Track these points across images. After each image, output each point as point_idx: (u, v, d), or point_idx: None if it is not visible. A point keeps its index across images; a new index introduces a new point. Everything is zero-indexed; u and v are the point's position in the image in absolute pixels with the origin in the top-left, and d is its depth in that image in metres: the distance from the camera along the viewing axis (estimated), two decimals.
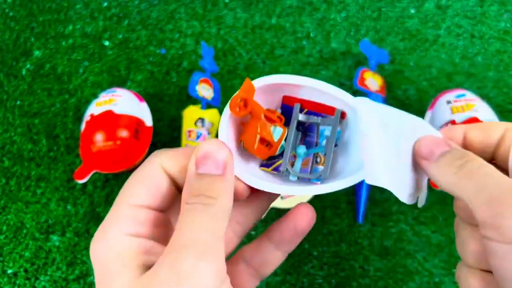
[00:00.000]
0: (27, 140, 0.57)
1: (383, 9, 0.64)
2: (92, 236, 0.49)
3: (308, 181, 0.26)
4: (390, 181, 0.23)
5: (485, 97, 0.55)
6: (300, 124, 0.28)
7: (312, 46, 0.61)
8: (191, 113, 0.53)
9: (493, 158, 0.23)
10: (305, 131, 0.28)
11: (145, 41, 0.63)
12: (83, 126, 0.51)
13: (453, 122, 0.46)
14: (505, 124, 0.23)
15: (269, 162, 0.27)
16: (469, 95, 0.48)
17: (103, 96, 0.52)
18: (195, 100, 0.58)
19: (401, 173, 0.24)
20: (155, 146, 0.55)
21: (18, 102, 0.60)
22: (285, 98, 0.27)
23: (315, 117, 0.28)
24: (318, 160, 0.27)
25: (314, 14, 0.64)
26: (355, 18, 0.63)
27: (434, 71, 0.58)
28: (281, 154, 0.27)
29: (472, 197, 0.19)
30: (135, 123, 0.50)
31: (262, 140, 0.25)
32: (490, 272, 0.21)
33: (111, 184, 0.53)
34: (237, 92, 0.24)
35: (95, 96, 0.59)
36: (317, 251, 0.48)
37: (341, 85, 0.58)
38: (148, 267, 0.19)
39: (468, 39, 0.60)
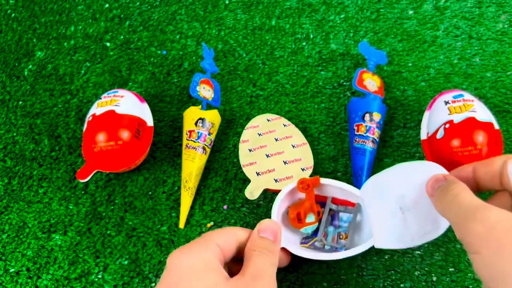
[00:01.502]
0: (29, 140, 0.57)
1: (381, 11, 0.64)
2: (93, 235, 0.50)
3: (335, 249, 0.43)
4: (392, 241, 0.39)
5: (482, 97, 0.55)
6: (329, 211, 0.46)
7: (312, 47, 0.62)
8: (191, 114, 0.53)
9: (502, 186, 0.30)
10: (331, 218, 0.46)
11: (146, 42, 0.64)
12: (85, 126, 0.52)
13: (450, 122, 0.46)
14: (505, 157, 0.29)
15: (307, 241, 0.44)
16: (467, 96, 0.49)
17: (105, 97, 0.53)
18: (195, 100, 0.58)
19: (400, 226, 0.38)
20: (156, 146, 0.55)
21: (20, 103, 0.60)
22: (317, 196, 0.47)
23: (341, 207, 0.45)
24: (341, 237, 0.44)
25: (314, 15, 0.65)
26: (354, 19, 0.64)
27: (432, 71, 0.58)
28: (314, 234, 0.45)
29: (450, 220, 0.27)
30: (136, 123, 0.51)
31: (298, 214, 0.43)
32: None
33: (112, 184, 0.53)
34: (308, 178, 0.44)
35: (96, 96, 0.59)
36: None
37: (340, 86, 0.59)
38: (227, 277, 0.32)
39: (466, 40, 0.61)
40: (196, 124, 0.52)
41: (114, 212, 0.51)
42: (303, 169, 0.48)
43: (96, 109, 0.51)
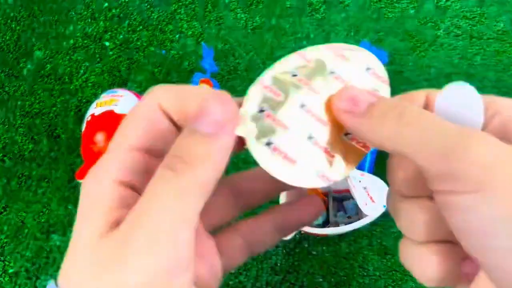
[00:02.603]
0: (28, 140, 0.57)
1: (382, 10, 0.64)
2: None
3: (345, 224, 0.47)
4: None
5: None
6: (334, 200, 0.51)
7: None
8: None
9: None
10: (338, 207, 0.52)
11: (146, 41, 0.63)
12: (84, 126, 0.51)
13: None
14: (426, 91, 0.20)
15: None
16: None
17: (104, 97, 0.52)
18: None
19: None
20: None
21: (19, 102, 0.60)
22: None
23: (343, 194, 0.51)
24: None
25: (314, 15, 0.64)
26: (354, 18, 0.63)
27: (433, 71, 0.58)
28: (326, 224, 0.50)
29: (420, 148, 0.16)
30: None
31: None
32: (447, 242, 0.18)
33: None
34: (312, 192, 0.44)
35: (96, 96, 0.59)
36: (316, 250, 0.48)
37: None
38: (115, 223, 0.16)
39: (467, 39, 0.60)
40: None
41: None
42: None
43: (95, 109, 0.51)
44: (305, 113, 0.18)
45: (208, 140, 0.16)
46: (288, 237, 0.49)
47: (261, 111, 0.18)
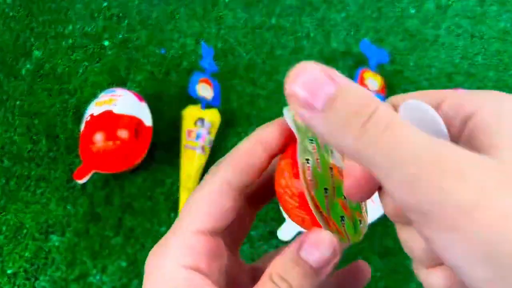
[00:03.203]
0: (27, 140, 0.57)
1: (383, 9, 0.64)
2: (91, 236, 0.50)
3: None
4: None
5: None
6: None
7: (312, 46, 0.61)
8: (190, 113, 0.53)
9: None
10: None
11: (145, 41, 0.63)
12: (82, 126, 0.51)
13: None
14: (444, 93, 0.17)
15: None
16: None
17: (103, 96, 0.52)
18: (195, 100, 0.58)
19: None
20: (155, 146, 0.55)
21: (18, 102, 0.60)
22: None
23: None
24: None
25: (314, 14, 0.64)
26: (355, 18, 0.63)
27: (434, 71, 0.58)
28: None
29: (386, 172, 0.13)
30: (135, 123, 0.50)
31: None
32: None
33: (111, 185, 0.53)
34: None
35: (95, 96, 0.59)
36: None
37: None
38: None
39: (468, 39, 0.60)
40: (195, 123, 0.52)
41: (112, 213, 0.51)
42: None
43: (94, 109, 0.51)
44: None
45: (314, 276, 0.18)
46: (289, 238, 0.48)
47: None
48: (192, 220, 0.19)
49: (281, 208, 0.45)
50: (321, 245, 0.18)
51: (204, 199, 0.19)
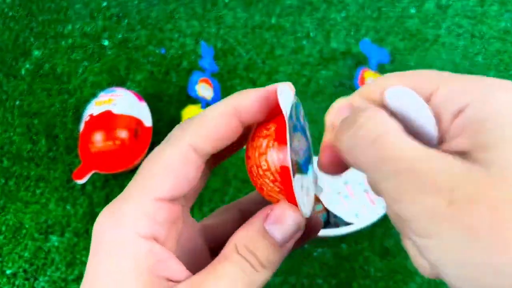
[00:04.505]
0: (26, 140, 0.57)
1: (383, 9, 0.64)
2: (90, 237, 0.49)
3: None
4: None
5: None
6: None
7: (312, 46, 0.61)
8: (190, 113, 0.53)
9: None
10: None
11: (145, 41, 0.63)
12: (82, 126, 0.51)
13: None
14: (433, 76, 0.17)
15: None
16: None
17: (103, 96, 0.52)
18: (194, 100, 0.58)
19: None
20: (154, 146, 0.55)
21: (18, 102, 0.60)
22: None
23: None
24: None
25: (314, 14, 0.64)
26: (355, 18, 0.63)
27: None
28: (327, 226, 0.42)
29: (375, 181, 0.15)
30: (134, 123, 0.50)
31: None
32: None
33: (110, 185, 0.53)
34: None
35: (94, 96, 0.59)
36: (317, 251, 0.48)
37: (341, 85, 0.58)
38: (152, 282, 0.17)
39: (469, 39, 0.60)
40: None
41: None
42: None
43: (94, 109, 0.51)
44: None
45: (279, 250, 0.18)
46: None
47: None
48: (152, 186, 0.17)
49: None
50: (287, 220, 0.18)
51: (167, 165, 0.17)
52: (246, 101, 0.19)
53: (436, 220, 0.13)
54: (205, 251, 0.21)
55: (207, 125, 0.18)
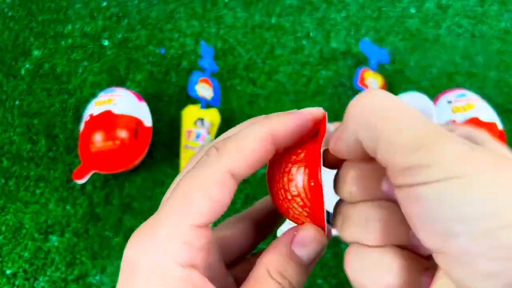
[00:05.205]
0: (26, 140, 0.57)
1: (383, 9, 0.64)
2: (90, 237, 0.49)
3: None
4: None
5: (485, 97, 0.55)
6: None
7: (312, 45, 0.61)
8: (190, 113, 0.53)
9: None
10: None
11: (145, 41, 0.63)
12: (82, 126, 0.51)
13: (453, 122, 0.45)
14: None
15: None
16: (470, 95, 0.48)
17: (102, 96, 0.52)
18: (194, 100, 0.58)
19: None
20: (154, 146, 0.55)
21: (17, 102, 0.60)
22: None
23: None
24: None
25: (314, 13, 0.64)
26: (355, 17, 0.63)
27: (434, 71, 0.58)
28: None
29: (391, 141, 0.16)
30: (134, 123, 0.50)
31: None
32: (405, 248, 0.17)
33: (110, 185, 0.53)
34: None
35: (94, 96, 0.59)
36: None
37: (341, 85, 0.58)
38: None
39: (469, 39, 0.60)
40: (195, 123, 0.52)
41: (112, 214, 0.51)
42: None
43: (94, 108, 0.51)
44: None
45: (306, 270, 0.19)
46: None
47: None
48: (189, 212, 0.17)
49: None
50: (313, 242, 0.19)
51: (205, 190, 0.17)
52: (284, 127, 0.19)
53: (465, 159, 0.14)
54: (222, 265, 0.21)
55: (245, 150, 0.18)
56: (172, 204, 0.17)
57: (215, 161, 0.17)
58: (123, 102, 0.51)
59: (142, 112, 0.52)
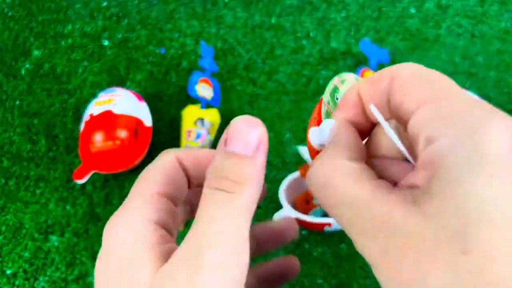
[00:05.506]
0: (26, 140, 0.57)
1: (383, 9, 0.64)
2: (90, 237, 0.49)
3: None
4: None
5: (485, 97, 0.55)
6: None
7: (312, 45, 0.61)
8: (190, 113, 0.53)
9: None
10: None
11: (145, 41, 0.63)
12: (82, 126, 0.51)
13: None
14: (391, 71, 0.17)
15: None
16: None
17: (102, 96, 0.52)
18: (194, 100, 0.58)
19: None
20: (154, 146, 0.55)
21: (17, 102, 0.60)
22: None
23: None
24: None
25: (314, 13, 0.64)
26: (355, 17, 0.63)
27: None
28: None
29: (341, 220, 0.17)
30: (134, 123, 0.50)
31: (306, 195, 0.44)
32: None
33: (110, 185, 0.53)
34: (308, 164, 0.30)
35: (94, 96, 0.59)
36: (317, 251, 0.47)
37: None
38: (164, 258, 0.17)
39: (469, 38, 0.60)
40: (195, 123, 0.52)
41: (112, 214, 0.51)
42: None
43: (94, 108, 0.51)
44: None
45: (249, 162, 0.17)
46: None
47: None
48: (150, 185, 0.19)
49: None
50: (243, 134, 0.17)
51: (158, 167, 0.20)
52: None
53: (372, 264, 0.14)
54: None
55: (191, 148, 0.23)
56: (134, 187, 0.20)
57: (164, 154, 0.21)
58: (123, 102, 0.51)
59: (142, 112, 0.52)
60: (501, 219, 0.12)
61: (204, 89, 0.54)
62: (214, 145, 0.54)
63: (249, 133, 0.17)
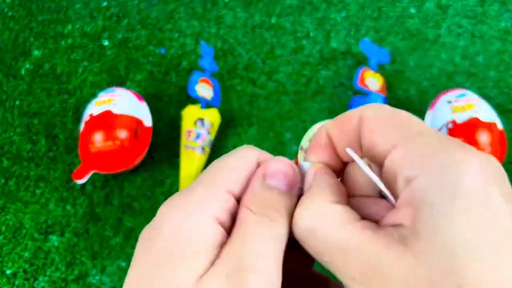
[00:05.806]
0: (26, 140, 0.57)
1: (383, 9, 0.64)
2: (90, 237, 0.49)
3: None
4: None
5: (485, 97, 0.55)
6: None
7: (312, 45, 0.61)
8: (190, 113, 0.53)
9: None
10: None
11: (145, 41, 0.63)
12: (82, 126, 0.51)
13: (453, 123, 0.45)
14: (359, 111, 0.18)
15: None
16: (470, 95, 0.48)
17: (102, 96, 0.52)
18: (194, 100, 0.58)
19: None
20: (154, 146, 0.55)
21: (17, 102, 0.60)
22: None
23: None
24: None
25: (314, 13, 0.64)
26: (355, 17, 0.63)
27: (434, 71, 0.58)
28: None
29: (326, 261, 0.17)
30: (134, 123, 0.50)
31: None
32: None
33: (110, 185, 0.53)
34: None
35: (94, 96, 0.59)
36: None
37: (341, 85, 0.58)
38: (213, 262, 0.17)
39: (469, 38, 0.60)
40: (195, 123, 0.52)
41: (112, 213, 0.51)
42: None
43: (94, 108, 0.51)
44: None
45: (288, 197, 0.18)
46: None
47: None
48: (227, 179, 0.18)
49: None
50: (283, 172, 0.19)
51: (242, 164, 0.19)
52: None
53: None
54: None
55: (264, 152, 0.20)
56: (205, 175, 0.18)
57: (247, 151, 0.19)
58: (123, 102, 0.51)
59: (142, 112, 0.52)
60: (487, 252, 0.13)
61: (204, 89, 0.54)
62: (214, 145, 0.54)
63: (291, 173, 0.19)
